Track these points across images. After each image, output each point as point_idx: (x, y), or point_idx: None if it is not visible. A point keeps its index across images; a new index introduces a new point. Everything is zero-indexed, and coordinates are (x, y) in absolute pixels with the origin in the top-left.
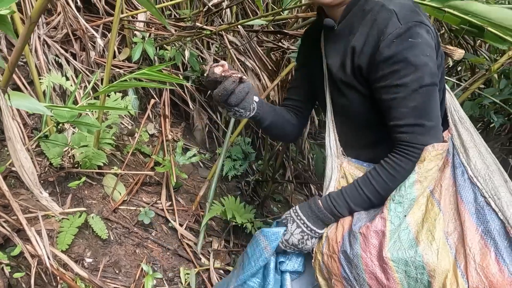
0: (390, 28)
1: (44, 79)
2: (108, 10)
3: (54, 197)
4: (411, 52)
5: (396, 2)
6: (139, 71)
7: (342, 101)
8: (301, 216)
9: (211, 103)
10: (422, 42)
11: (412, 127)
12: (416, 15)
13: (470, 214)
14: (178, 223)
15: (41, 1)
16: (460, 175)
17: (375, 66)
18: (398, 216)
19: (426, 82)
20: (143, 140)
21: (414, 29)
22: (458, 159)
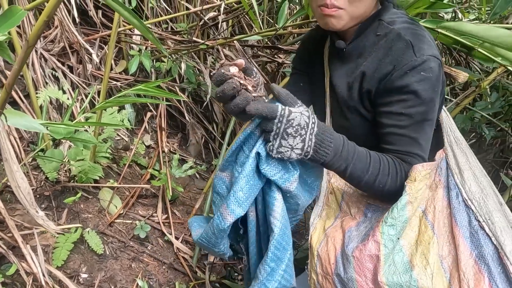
0: (406, 59)
1: (41, 93)
2: (106, 23)
3: (49, 212)
4: (421, 86)
5: (412, 32)
6: (136, 87)
7: (342, 122)
8: (314, 116)
9: (208, 114)
10: (433, 77)
11: (409, 154)
12: (430, 48)
13: (464, 238)
14: (174, 236)
15: (38, 25)
16: (455, 197)
17: (384, 92)
18: (391, 239)
19: (429, 117)
20: (140, 152)
21: (428, 63)
22: (453, 180)
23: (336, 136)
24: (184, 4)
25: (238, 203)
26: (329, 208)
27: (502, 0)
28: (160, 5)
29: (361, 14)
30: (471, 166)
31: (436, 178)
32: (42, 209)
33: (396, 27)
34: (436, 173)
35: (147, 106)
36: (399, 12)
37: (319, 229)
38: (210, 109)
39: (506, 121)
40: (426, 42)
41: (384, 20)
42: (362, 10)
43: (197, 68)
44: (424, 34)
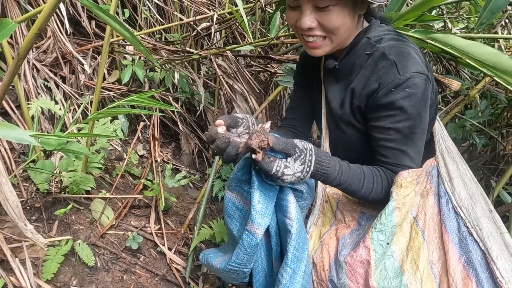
0: (390, 77)
1: (32, 104)
2: (99, 33)
3: (40, 224)
4: (407, 102)
5: (397, 50)
6: (129, 98)
7: (339, 134)
8: (311, 164)
9: (201, 123)
10: (418, 92)
11: (399, 165)
12: (415, 65)
13: (453, 244)
14: (167, 247)
15: (29, 38)
16: (445, 204)
17: (372, 108)
18: (381, 244)
19: (416, 130)
20: (133, 162)
21: (413, 80)
22: (443, 188)
23: (332, 166)
24: (177, 15)
25: (261, 215)
26: (324, 216)
27: (487, 11)
28: (154, 16)
29: (343, 39)
30: (461, 174)
31: (427, 185)
32: (32, 221)
33: (382, 46)
34: (427, 181)
35: (140, 115)
36: (386, 28)
37: (315, 237)
38: (203, 118)
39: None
40: (410, 59)
41: (371, 38)
42: (344, 36)
43: (190, 78)
44: (410, 51)
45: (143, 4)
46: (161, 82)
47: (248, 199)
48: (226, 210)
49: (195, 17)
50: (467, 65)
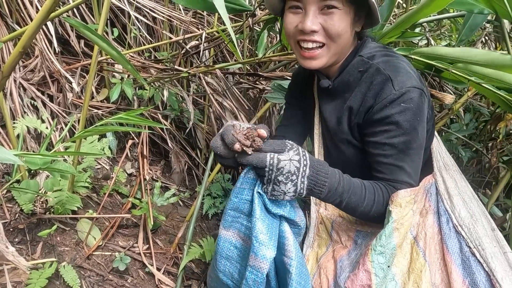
0: (385, 93)
1: (18, 123)
2: (87, 52)
3: (23, 246)
4: (402, 117)
5: (392, 66)
6: (117, 116)
7: (336, 152)
8: (307, 157)
9: (191, 140)
10: (413, 107)
11: (396, 181)
12: (410, 79)
13: (456, 265)
14: (156, 267)
15: (13, 56)
16: (445, 223)
17: (368, 123)
18: (381, 267)
19: (412, 146)
20: (121, 180)
21: (408, 94)
22: (443, 206)
23: (331, 174)
24: (166, 34)
25: (265, 246)
26: (320, 238)
27: (466, 28)
28: (143, 34)
29: (340, 50)
30: (460, 192)
31: (426, 204)
32: (15, 243)
33: (375, 62)
34: (426, 199)
35: (129, 133)
36: (377, 46)
37: (312, 260)
38: (193, 136)
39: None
40: (405, 74)
41: (363, 55)
42: (341, 46)
43: (180, 95)
44: (404, 66)
45: (132, 23)
46: (150, 100)
47: (247, 234)
48: (221, 253)
49: (184, 35)
50: (451, 79)
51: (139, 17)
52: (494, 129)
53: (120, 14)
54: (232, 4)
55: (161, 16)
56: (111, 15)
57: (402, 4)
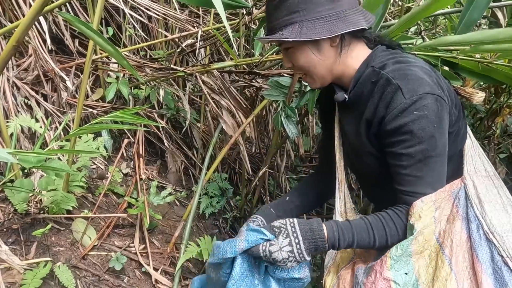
0: (395, 103)
1: (11, 122)
2: (82, 51)
3: (17, 246)
4: (416, 125)
5: (402, 74)
6: (112, 114)
7: (361, 165)
8: (297, 234)
9: (187, 140)
10: (428, 114)
11: (414, 194)
12: (422, 86)
13: (487, 275)
14: (152, 267)
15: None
16: (475, 230)
17: (384, 134)
18: (400, 275)
19: (430, 154)
20: (117, 180)
21: (420, 102)
22: (473, 212)
23: (329, 232)
24: (162, 32)
25: None
26: (344, 251)
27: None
28: (138, 33)
29: (326, 71)
30: (493, 198)
31: (453, 209)
32: (9, 244)
33: (386, 71)
34: (454, 204)
35: (124, 133)
36: (390, 53)
37: (333, 272)
38: (189, 135)
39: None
40: (416, 81)
41: (375, 66)
42: (322, 72)
43: (176, 94)
44: (415, 72)
45: (127, 22)
46: (146, 99)
47: None
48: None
49: (180, 33)
50: (463, 68)
51: (134, 15)
52: (490, 125)
53: (115, 14)
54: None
55: (157, 14)
56: (106, 15)
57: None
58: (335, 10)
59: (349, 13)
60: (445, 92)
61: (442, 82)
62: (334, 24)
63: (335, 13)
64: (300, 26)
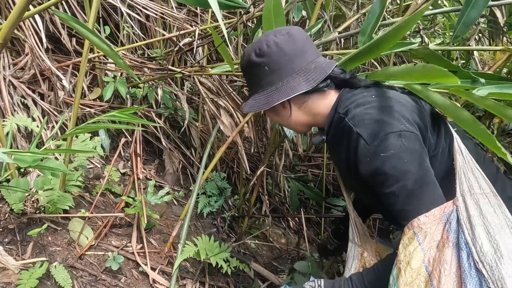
0: (361, 151)
1: (7, 121)
2: (79, 50)
3: (13, 246)
4: (387, 166)
5: (360, 120)
6: (110, 113)
7: (355, 189)
8: None
9: (185, 139)
10: (394, 153)
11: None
12: (382, 126)
13: None
14: (150, 266)
15: None
16: (465, 259)
17: (362, 178)
18: None
19: (413, 187)
20: (114, 179)
21: (383, 144)
22: (463, 237)
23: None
24: (159, 31)
25: None
26: None
27: (461, 24)
28: (136, 32)
29: (299, 125)
30: (484, 221)
31: (444, 234)
32: (5, 244)
33: (348, 118)
34: (445, 229)
35: (122, 132)
36: (352, 95)
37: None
38: (187, 134)
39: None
40: (375, 123)
41: (340, 112)
42: (294, 125)
43: (173, 93)
44: (373, 115)
45: (124, 21)
46: (144, 98)
47: None
48: None
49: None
50: None
51: (132, 14)
52: (489, 125)
53: (112, 13)
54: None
55: (154, 13)
56: (103, 13)
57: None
58: (273, 81)
59: (289, 80)
60: (411, 121)
61: (410, 109)
62: (271, 96)
63: (274, 84)
64: (252, 98)
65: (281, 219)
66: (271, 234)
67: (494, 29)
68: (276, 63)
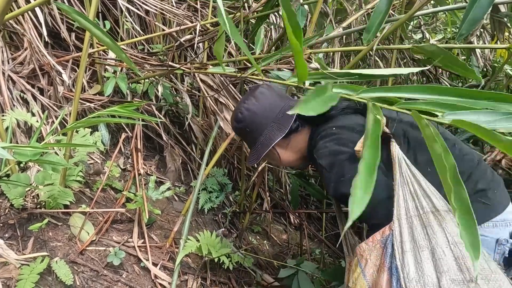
0: (325, 179)
1: (7, 115)
2: (79, 45)
3: (14, 241)
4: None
5: (321, 153)
6: (110, 108)
7: None
8: None
9: (186, 135)
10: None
11: None
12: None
13: None
14: (151, 262)
15: None
16: (395, 284)
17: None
18: None
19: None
20: (115, 175)
21: (340, 171)
22: (395, 263)
23: None
24: (159, 26)
25: None
26: None
27: (466, 23)
28: (135, 27)
29: (293, 160)
30: (416, 245)
31: (382, 259)
32: (5, 239)
33: (315, 150)
34: (383, 254)
35: (122, 128)
36: (321, 126)
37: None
38: (188, 130)
39: None
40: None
41: (312, 146)
42: (287, 162)
43: (174, 88)
44: (326, 149)
45: (124, 16)
46: (144, 94)
47: None
48: None
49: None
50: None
51: (131, 8)
52: None
53: (112, 7)
54: None
55: (154, 9)
56: (102, 8)
57: None
58: (256, 137)
59: (266, 133)
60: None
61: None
62: (258, 150)
63: (258, 140)
64: (250, 153)
65: (281, 215)
66: (272, 230)
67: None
68: (252, 123)
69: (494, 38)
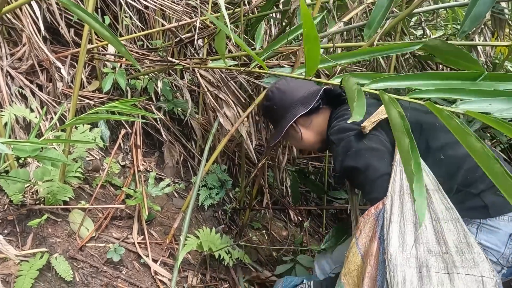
0: (333, 152)
1: (5, 111)
2: (78, 41)
3: (13, 237)
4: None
5: (333, 130)
6: (109, 104)
7: None
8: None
9: (185, 131)
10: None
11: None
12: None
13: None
14: (151, 258)
15: None
16: (381, 250)
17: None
18: None
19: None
20: (114, 171)
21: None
22: (383, 232)
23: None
24: (159, 20)
25: None
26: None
27: (468, 20)
28: (134, 23)
29: (313, 141)
30: (403, 217)
31: (374, 230)
32: (4, 235)
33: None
34: (376, 226)
35: (121, 124)
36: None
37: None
38: (188, 126)
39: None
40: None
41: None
42: (308, 142)
43: (174, 85)
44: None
45: (123, 11)
46: (143, 90)
47: None
48: None
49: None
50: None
51: (131, 2)
52: None
53: (111, 3)
54: None
55: (153, 5)
56: (101, 4)
57: None
58: (283, 115)
59: (292, 110)
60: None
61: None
62: (282, 126)
63: (284, 117)
64: (273, 132)
65: (282, 212)
66: (272, 227)
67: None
68: (280, 101)
69: (495, 34)
